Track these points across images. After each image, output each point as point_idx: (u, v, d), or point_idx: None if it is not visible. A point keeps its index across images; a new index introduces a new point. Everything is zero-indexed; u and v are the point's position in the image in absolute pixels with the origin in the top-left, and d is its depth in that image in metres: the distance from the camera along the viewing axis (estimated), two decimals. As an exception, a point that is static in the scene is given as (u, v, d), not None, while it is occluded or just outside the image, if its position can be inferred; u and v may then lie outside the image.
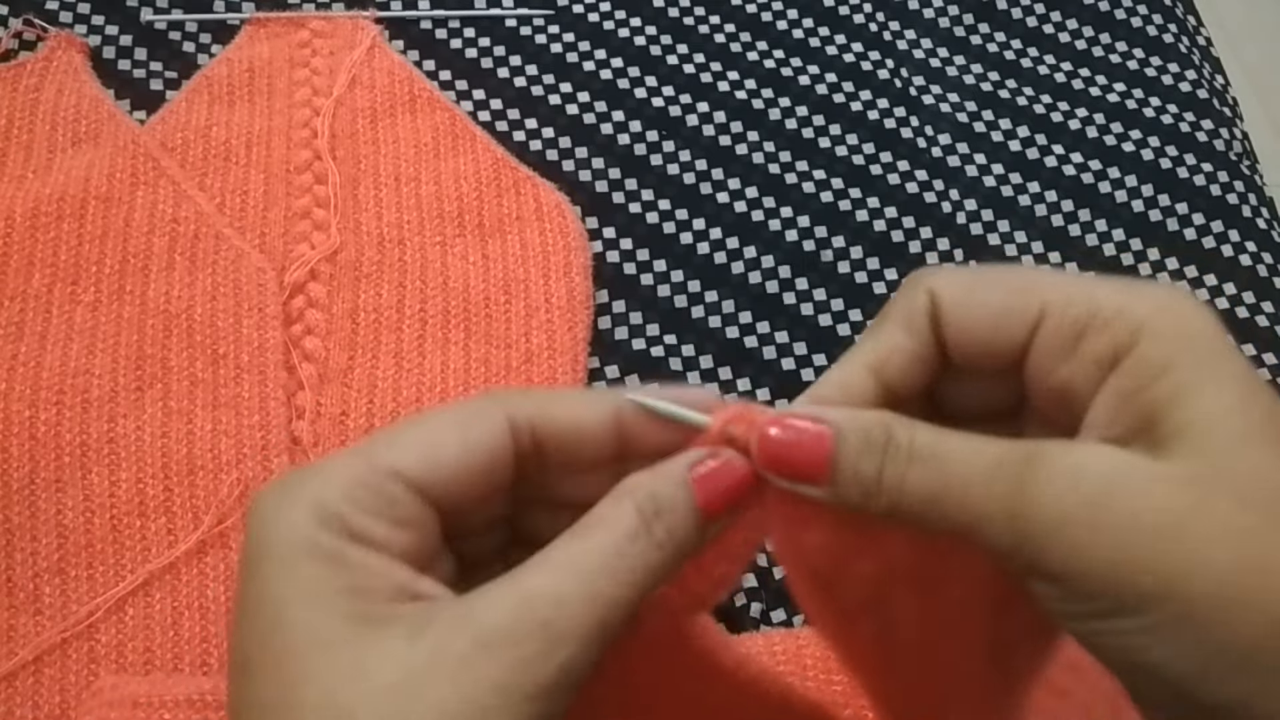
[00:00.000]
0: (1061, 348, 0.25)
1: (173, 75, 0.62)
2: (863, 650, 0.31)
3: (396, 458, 0.24)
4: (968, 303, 0.26)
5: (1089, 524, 0.22)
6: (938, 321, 0.26)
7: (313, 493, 0.23)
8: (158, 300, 0.54)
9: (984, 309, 0.25)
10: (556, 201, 0.59)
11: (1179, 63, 0.69)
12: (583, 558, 0.23)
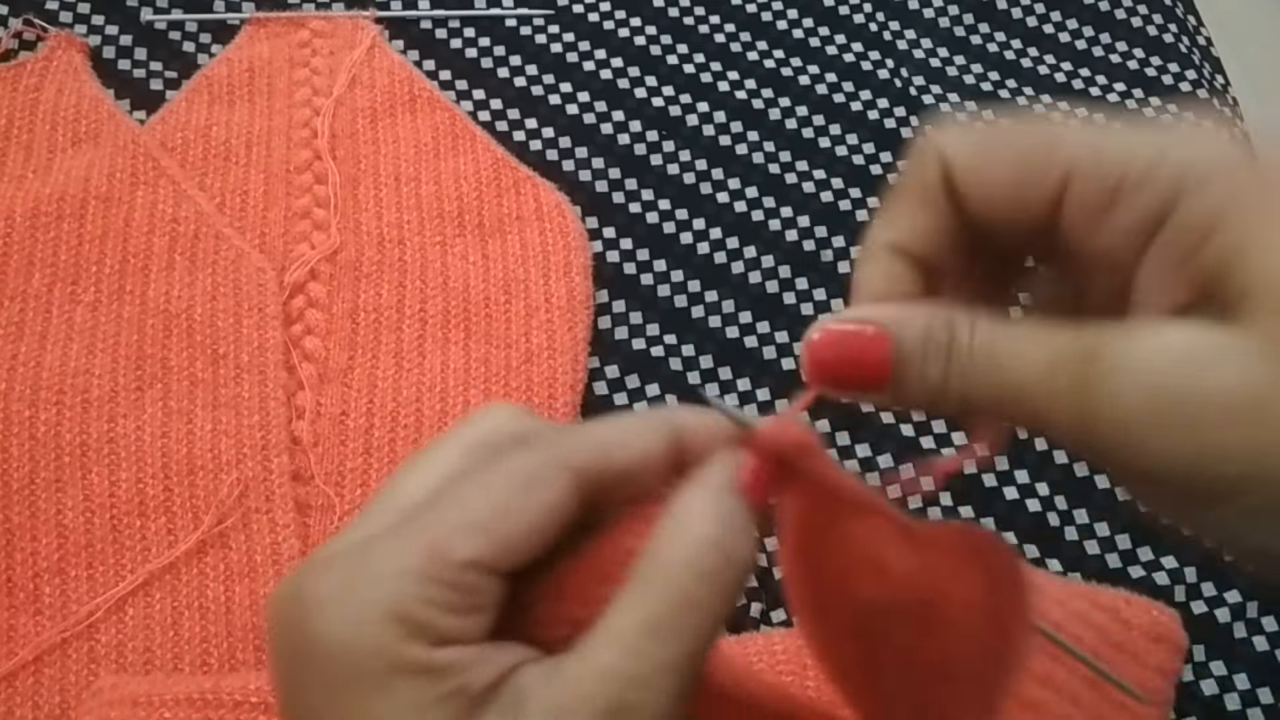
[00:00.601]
0: (1095, 211, 0.23)
1: (173, 75, 0.62)
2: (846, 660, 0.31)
3: (469, 547, 0.22)
4: (982, 168, 0.24)
5: (1160, 423, 0.20)
6: (954, 187, 0.24)
7: (383, 598, 0.21)
8: (158, 300, 0.54)
9: (1002, 173, 0.24)
10: (556, 201, 0.59)
11: (1179, 63, 0.69)
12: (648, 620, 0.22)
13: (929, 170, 0.24)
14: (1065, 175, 0.23)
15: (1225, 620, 0.52)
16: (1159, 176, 0.22)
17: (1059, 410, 0.22)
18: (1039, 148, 0.23)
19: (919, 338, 0.23)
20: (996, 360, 0.22)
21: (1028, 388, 0.22)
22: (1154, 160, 0.22)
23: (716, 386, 0.56)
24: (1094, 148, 0.23)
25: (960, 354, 0.23)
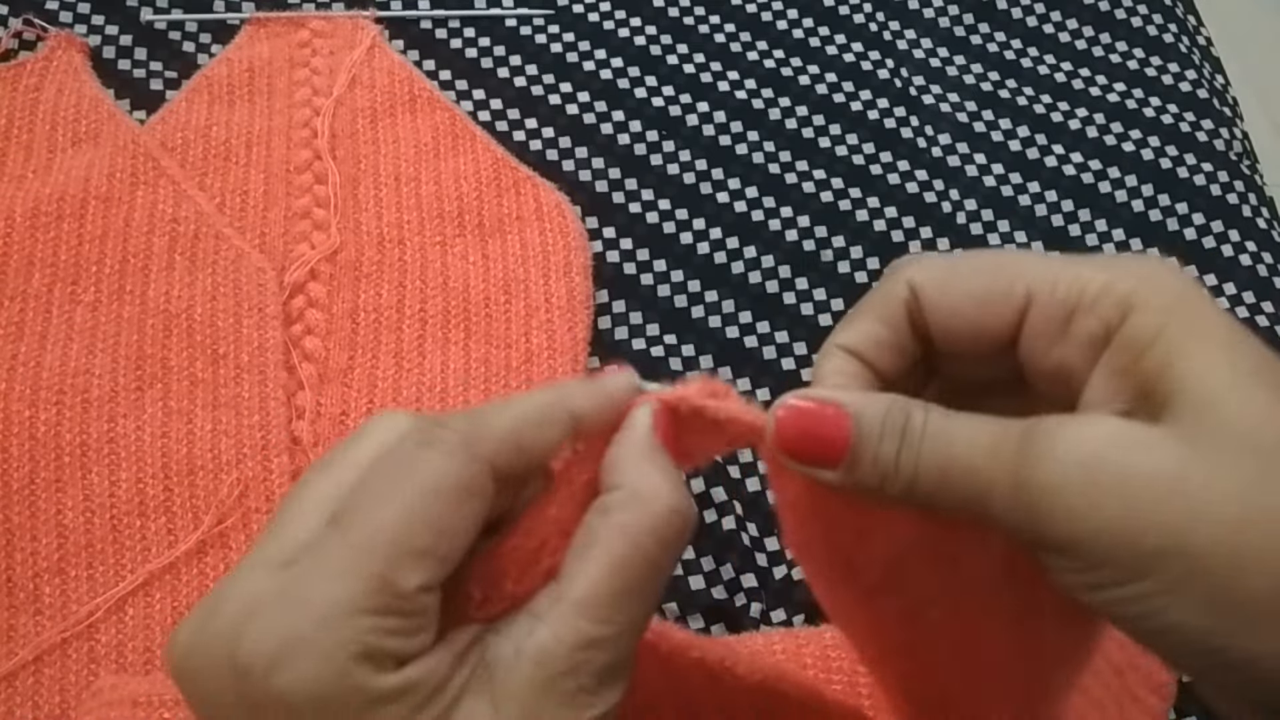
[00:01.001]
0: (1052, 330, 0.25)
1: (173, 75, 0.62)
2: (882, 636, 0.31)
3: (418, 575, 0.23)
4: (948, 292, 0.26)
5: (1088, 488, 0.22)
6: (917, 311, 0.26)
7: (345, 641, 0.22)
8: (158, 300, 0.54)
9: (966, 297, 0.26)
10: (556, 201, 0.59)
11: (1179, 63, 0.69)
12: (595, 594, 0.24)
13: (895, 291, 0.27)
14: (1025, 301, 0.25)
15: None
16: (1109, 299, 0.24)
17: (999, 481, 0.23)
18: (1001, 277, 0.26)
19: (878, 418, 0.25)
20: (947, 440, 0.24)
21: (974, 461, 0.24)
22: (1104, 285, 0.24)
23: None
24: (1051, 277, 0.25)
25: (913, 435, 0.25)
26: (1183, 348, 0.23)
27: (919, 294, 0.26)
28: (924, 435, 0.25)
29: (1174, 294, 0.24)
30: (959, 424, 0.25)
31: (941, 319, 0.26)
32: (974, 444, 0.24)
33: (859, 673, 0.45)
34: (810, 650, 0.45)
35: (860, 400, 0.25)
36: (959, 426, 0.25)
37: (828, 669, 0.44)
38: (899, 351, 0.27)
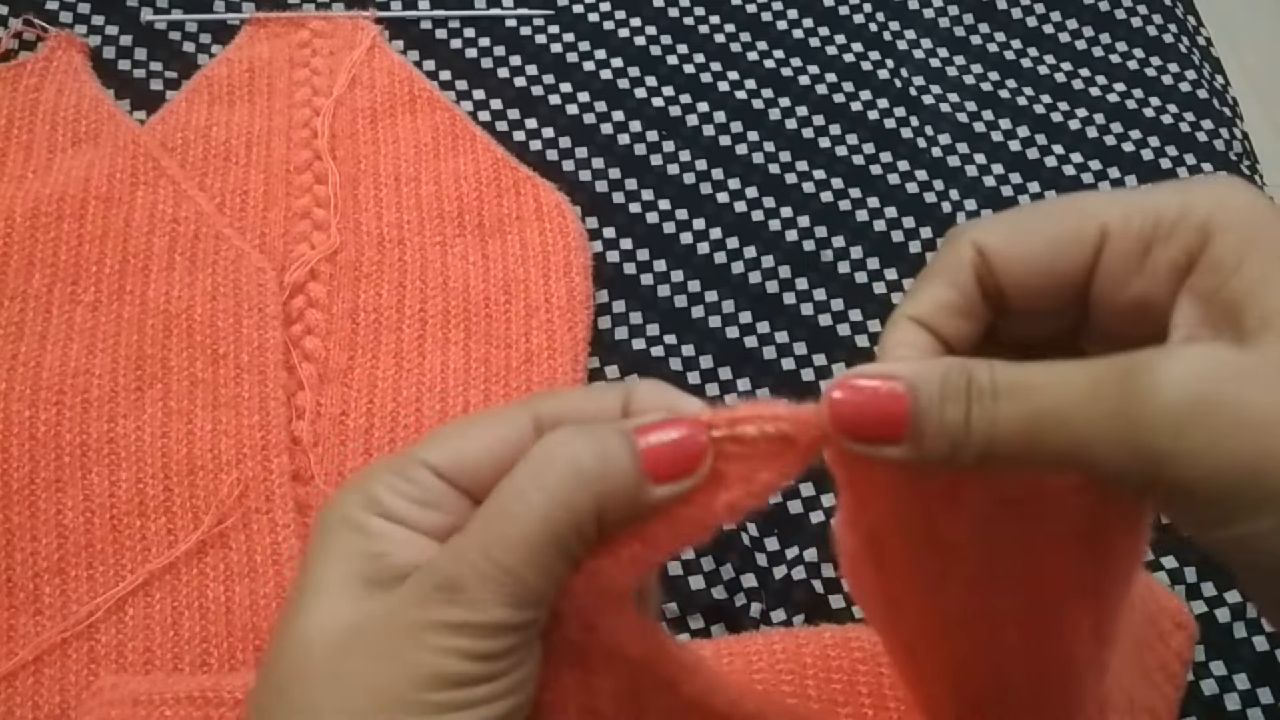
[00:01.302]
0: (1131, 263, 0.24)
1: (173, 75, 0.62)
2: (944, 627, 0.31)
3: (426, 451, 0.26)
4: (1017, 244, 0.25)
5: (1208, 428, 0.21)
6: (986, 271, 0.26)
7: (357, 483, 0.26)
8: (158, 300, 0.54)
9: (1037, 246, 0.25)
10: (556, 201, 0.59)
11: (1179, 63, 0.69)
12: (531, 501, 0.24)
13: (960, 254, 0.26)
14: (1100, 237, 0.25)
15: (1225, 620, 0.52)
16: (1187, 225, 0.24)
17: (1103, 426, 0.22)
18: (1070, 214, 0.25)
19: (936, 382, 0.24)
20: (1030, 389, 0.23)
21: (1069, 407, 0.22)
22: (1181, 211, 0.24)
23: (716, 386, 0.56)
24: (1123, 207, 0.25)
25: (982, 394, 0.23)
26: (1267, 275, 0.22)
27: (986, 252, 0.25)
28: (995, 391, 0.23)
29: (1254, 215, 0.23)
30: (1037, 373, 0.23)
31: (1015, 272, 0.25)
32: (1064, 391, 0.23)
33: (858, 673, 0.45)
34: (810, 650, 0.45)
35: (914, 367, 0.24)
36: (1038, 375, 0.23)
37: (827, 669, 0.44)
38: (970, 316, 0.26)
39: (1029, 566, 0.28)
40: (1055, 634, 0.30)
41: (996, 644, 0.30)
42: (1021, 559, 0.28)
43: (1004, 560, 0.28)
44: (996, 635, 0.30)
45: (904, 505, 0.27)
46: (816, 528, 0.53)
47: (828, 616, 0.50)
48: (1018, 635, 0.30)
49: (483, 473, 0.25)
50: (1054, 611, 0.29)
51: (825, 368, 0.57)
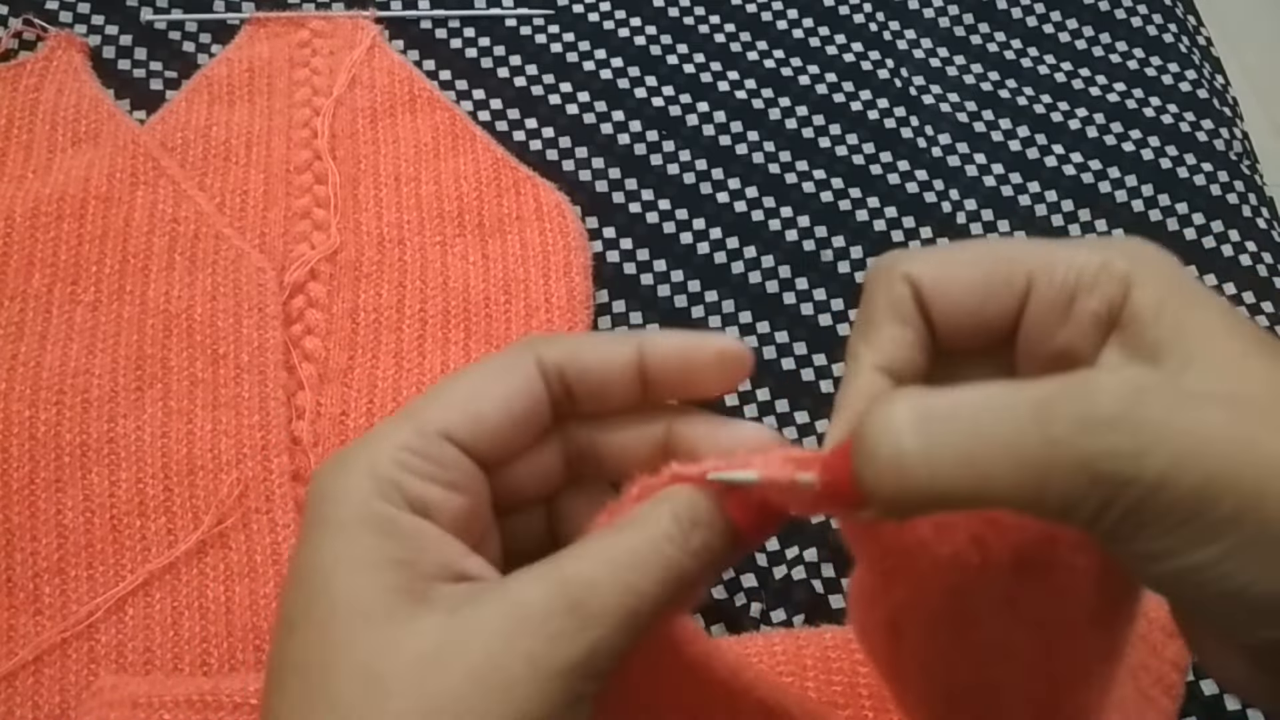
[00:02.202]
0: (1055, 315, 0.25)
1: (173, 75, 0.62)
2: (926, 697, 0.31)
3: (443, 418, 0.25)
4: (949, 283, 0.25)
5: (1171, 447, 0.21)
6: (923, 304, 0.25)
7: (368, 460, 0.24)
8: (158, 300, 0.54)
9: (968, 290, 0.25)
10: (556, 201, 0.59)
11: (1179, 62, 0.69)
12: (619, 550, 0.24)
13: (898, 288, 0.25)
14: (1026, 289, 0.25)
15: (1225, 620, 0.52)
16: (1108, 277, 0.24)
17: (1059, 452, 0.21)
18: (1000, 266, 0.25)
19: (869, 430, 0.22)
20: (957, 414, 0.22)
21: (1014, 435, 0.21)
22: (1101, 264, 0.24)
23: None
24: (1048, 257, 0.25)
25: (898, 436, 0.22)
26: (1187, 319, 0.23)
27: (919, 288, 0.25)
28: (916, 426, 0.22)
29: (1168, 270, 0.25)
30: (968, 396, 0.22)
31: (943, 313, 0.25)
32: (1004, 416, 0.21)
33: (859, 674, 0.45)
34: (810, 651, 0.45)
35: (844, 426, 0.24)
36: (970, 398, 0.22)
37: (828, 670, 0.44)
38: (920, 349, 0.26)
39: (1040, 648, 0.28)
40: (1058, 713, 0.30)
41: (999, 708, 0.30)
42: (1034, 639, 0.28)
43: (1019, 638, 0.28)
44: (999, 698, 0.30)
45: (929, 582, 0.26)
46: (816, 528, 0.53)
47: (828, 617, 0.50)
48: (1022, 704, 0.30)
49: (499, 435, 0.25)
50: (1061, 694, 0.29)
51: (825, 367, 0.57)
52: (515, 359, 0.26)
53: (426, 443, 0.24)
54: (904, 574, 0.27)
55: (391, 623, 0.22)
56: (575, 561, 0.24)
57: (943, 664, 0.30)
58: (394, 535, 0.23)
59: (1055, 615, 0.27)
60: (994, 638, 0.28)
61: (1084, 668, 0.28)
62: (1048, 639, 0.28)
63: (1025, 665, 0.28)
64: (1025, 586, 0.26)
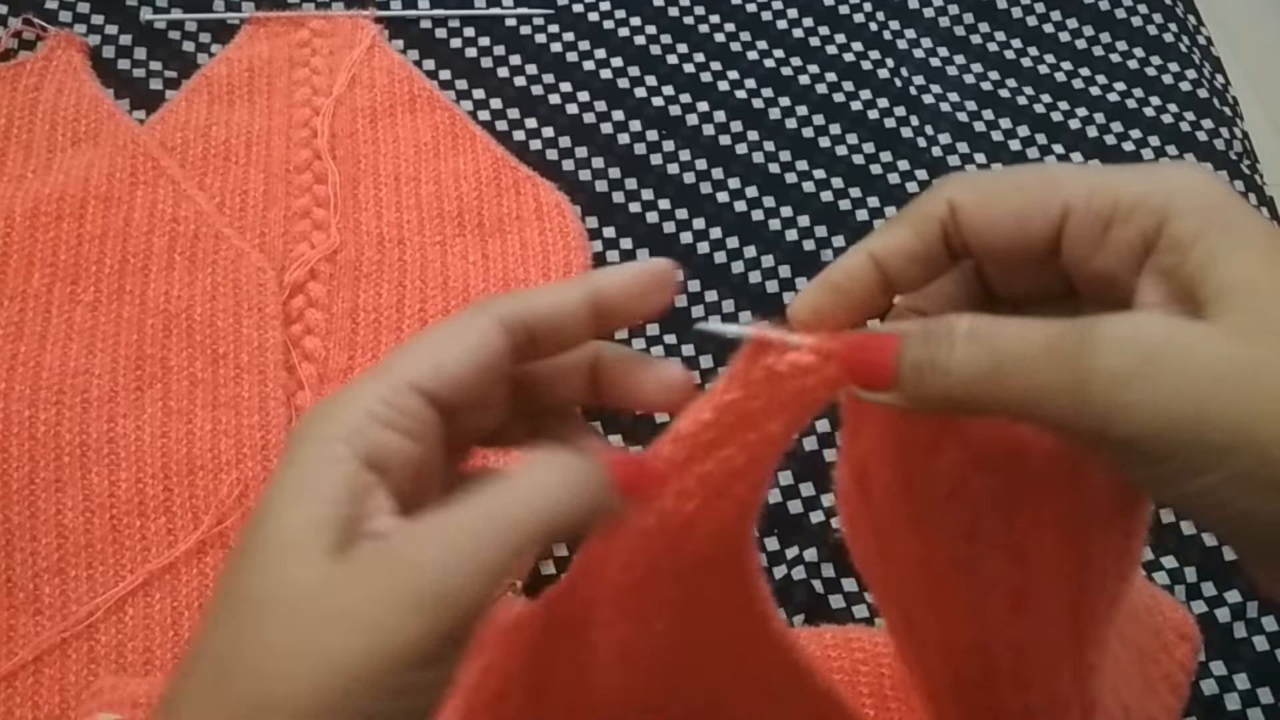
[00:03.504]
0: (1091, 240, 0.26)
1: (173, 75, 0.62)
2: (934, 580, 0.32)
3: (413, 370, 0.27)
4: (987, 209, 0.27)
5: (1152, 382, 0.22)
6: (953, 228, 0.27)
7: (341, 409, 0.27)
8: (157, 300, 0.54)
9: (1005, 214, 0.27)
10: (556, 201, 0.59)
11: (1179, 62, 0.69)
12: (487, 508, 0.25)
13: (933, 207, 0.27)
14: (1062, 215, 0.26)
15: (1225, 620, 0.52)
16: (1144, 209, 0.25)
17: (1054, 378, 0.24)
18: (1038, 187, 0.27)
19: (921, 331, 0.26)
20: (994, 338, 0.25)
21: (1028, 358, 0.24)
22: (1141, 194, 0.25)
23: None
24: (1087, 185, 0.26)
25: (955, 335, 0.25)
26: (1221, 251, 0.24)
27: (958, 211, 0.27)
28: (970, 334, 0.25)
29: (1209, 199, 0.25)
30: (1007, 325, 0.25)
31: (980, 235, 0.27)
32: (1027, 341, 0.24)
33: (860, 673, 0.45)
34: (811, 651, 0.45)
35: (910, 324, 0.27)
36: (1006, 327, 0.25)
37: (828, 669, 0.44)
38: (926, 264, 0.28)
39: (1011, 540, 0.29)
40: (1034, 612, 0.30)
41: (981, 611, 0.31)
42: (1005, 531, 0.29)
43: (988, 528, 0.29)
44: (982, 600, 0.31)
45: (890, 447, 0.29)
46: (816, 528, 0.52)
47: (828, 617, 0.50)
48: (1000, 605, 0.31)
49: (461, 384, 0.27)
50: (1034, 591, 0.30)
51: (825, 368, 0.57)
52: (475, 317, 0.28)
53: (395, 393, 0.27)
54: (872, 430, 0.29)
55: (308, 559, 0.24)
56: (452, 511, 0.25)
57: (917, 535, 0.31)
58: (341, 484, 0.25)
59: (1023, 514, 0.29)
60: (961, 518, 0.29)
61: (1056, 576, 0.29)
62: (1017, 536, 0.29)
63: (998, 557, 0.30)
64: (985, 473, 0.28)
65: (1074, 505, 0.28)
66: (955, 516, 0.29)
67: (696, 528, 0.29)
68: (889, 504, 0.31)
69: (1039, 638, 0.31)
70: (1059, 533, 0.29)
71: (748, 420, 0.28)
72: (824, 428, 0.55)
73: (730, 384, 0.28)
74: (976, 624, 0.32)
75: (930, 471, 0.29)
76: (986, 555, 0.30)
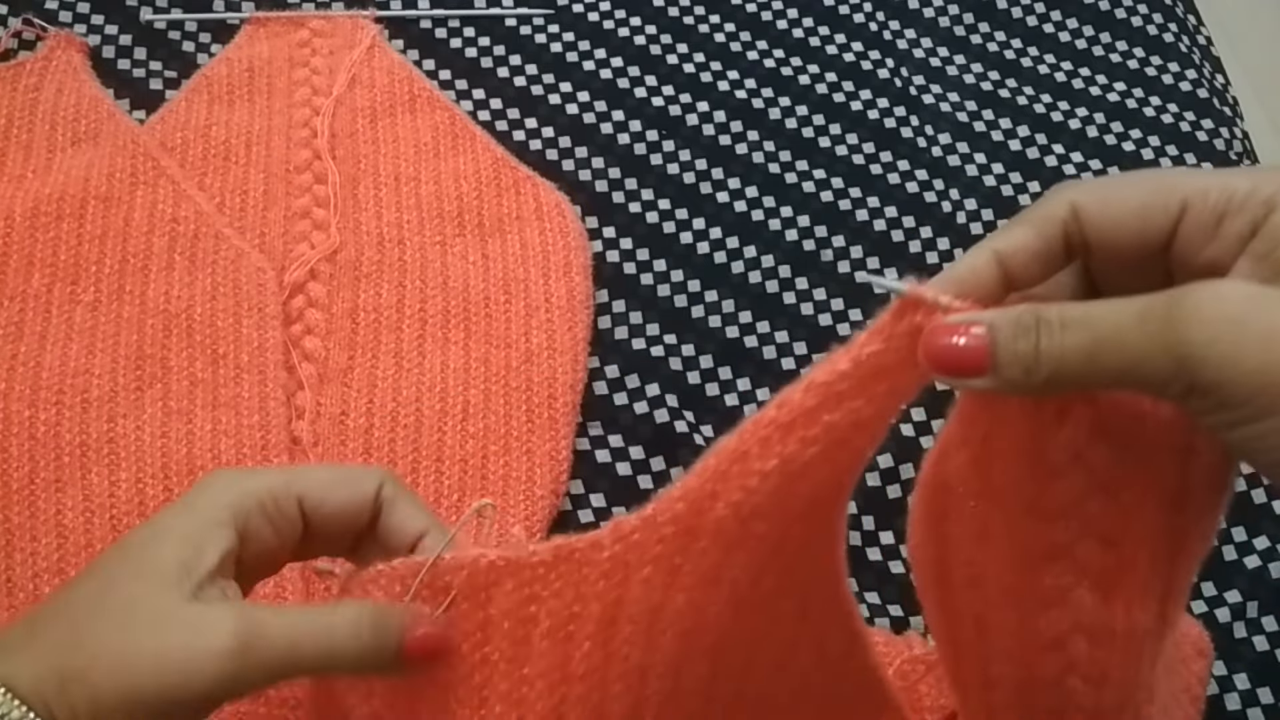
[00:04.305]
0: (1205, 232, 0.29)
1: (172, 75, 0.62)
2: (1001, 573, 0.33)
3: (303, 487, 0.33)
4: (1109, 205, 0.30)
5: (1236, 337, 0.26)
6: (1075, 228, 0.30)
7: (241, 486, 0.33)
8: (157, 300, 0.54)
9: (1128, 211, 0.30)
10: (556, 201, 0.59)
11: (1179, 62, 0.69)
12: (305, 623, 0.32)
13: (1055, 209, 0.30)
14: (1180, 210, 0.29)
15: (1225, 620, 0.52)
16: (1255, 201, 0.28)
17: (1150, 341, 0.27)
18: (1159, 185, 0.30)
19: (1011, 322, 0.29)
20: (1090, 319, 0.28)
21: (1122, 332, 0.27)
22: (1250, 190, 0.28)
23: (716, 386, 0.56)
24: (1203, 183, 0.29)
25: (1050, 326, 0.28)
26: None
27: (1080, 211, 0.30)
28: (1062, 323, 0.28)
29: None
30: (1097, 307, 0.28)
31: (1104, 231, 0.30)
32: (1120, 317, 0.27)
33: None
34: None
35: (994, 313, 0.29)
36: (1098, 308, 0.28)
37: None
38: (1045, 261, 0.30)
39: (1112, 522, 0.31)
40: (1126, 599, 0.31)
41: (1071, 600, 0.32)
42: (1109, 511, 0.31)
43: (1094, 506, 0.31)
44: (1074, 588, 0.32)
45: (1020, 417, 0.30)
46: (816, 528, 0.53)
47: (828, 616, 0.50)
48: (1092, 592, 0.32)
49: (330, 519, 0.34)
50: (1127, 577, 0.31)
51: (825, 367, 0.57)
52: (366, 476, 0.35)
53: (285, 497, 0.33)
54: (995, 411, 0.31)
55: (164, 587, 0.31)
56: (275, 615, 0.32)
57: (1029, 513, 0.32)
58: (215, 544, 0.32)
59: (1134, 484, 0.30)
60: (1077, 489, 0.31)
61: (1157, 552, 0.31)
62: (1125, 509, 0.31)
63: (1102, 532, 0.31)
64: (1105, 440, 0.30)
65: (1178, 481, 0.30)
66: (1066, 491, 0.31)
67: (812, 474, 0.30)
68: (1005, 483, 0.31)
69: (1129, 625, 0.32)
70: (1160, 511, 0.30)
71: (882, 373, 0.30)
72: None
73: (873, 337, 0.29)
74: (1064, 614, 0.32)
75: (1055, 439, 0.30)
76: (1087, 538, 0.31)
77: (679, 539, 0.31)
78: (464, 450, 0.52)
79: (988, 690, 0.36)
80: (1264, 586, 0.53)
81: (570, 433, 0.53)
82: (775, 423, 0.30)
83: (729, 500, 0.30)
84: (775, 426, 0.30)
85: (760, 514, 0.31)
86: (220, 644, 0.30)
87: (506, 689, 0.33)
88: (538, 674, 0.33)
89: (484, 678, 0.34)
